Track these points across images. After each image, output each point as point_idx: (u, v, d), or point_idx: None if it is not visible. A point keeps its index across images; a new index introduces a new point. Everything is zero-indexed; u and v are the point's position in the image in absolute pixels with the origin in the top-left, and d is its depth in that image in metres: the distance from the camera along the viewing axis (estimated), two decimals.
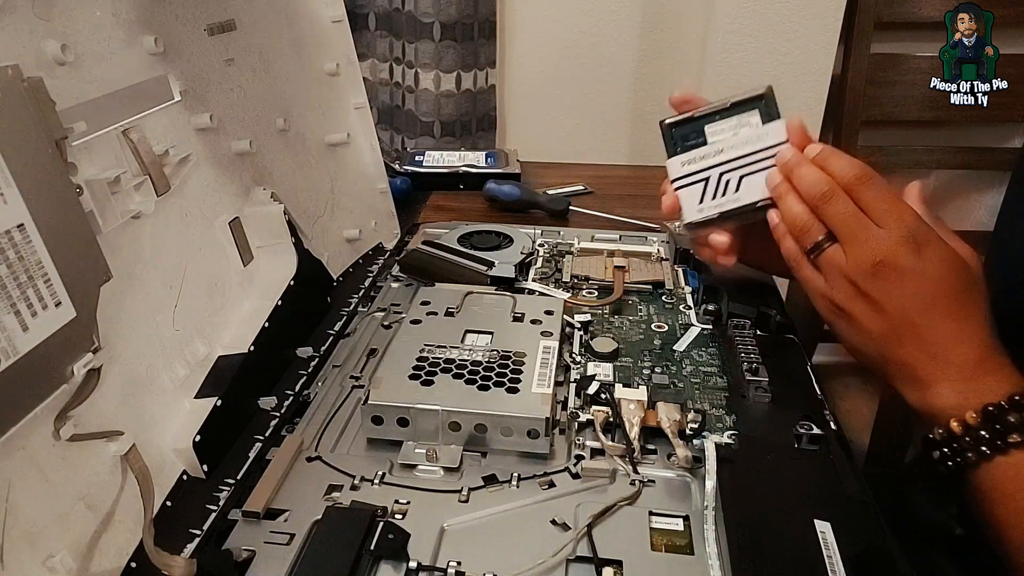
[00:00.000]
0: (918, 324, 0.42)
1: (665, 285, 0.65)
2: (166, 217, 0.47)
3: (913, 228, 0.43)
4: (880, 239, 0.43)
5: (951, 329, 0.42)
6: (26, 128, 0.33)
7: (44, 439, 0.34)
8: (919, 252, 0.43)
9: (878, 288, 0.43)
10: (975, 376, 0.41)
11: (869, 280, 0.43)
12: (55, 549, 0.34)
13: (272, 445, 0.46)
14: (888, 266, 0.43)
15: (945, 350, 0.42)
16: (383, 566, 0.37)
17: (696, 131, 0.51)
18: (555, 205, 0.85)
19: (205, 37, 0.52)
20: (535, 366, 0.48)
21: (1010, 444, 0.39)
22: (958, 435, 0.40)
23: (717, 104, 0.51)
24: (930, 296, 0.42)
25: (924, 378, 0.42)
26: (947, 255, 0.43)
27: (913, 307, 0.43)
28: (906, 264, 0.42)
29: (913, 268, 0.42)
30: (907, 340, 0.43)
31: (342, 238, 0.71)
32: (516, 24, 1.23)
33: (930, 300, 0.42)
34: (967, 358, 0.42)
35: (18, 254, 0.32)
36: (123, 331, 0.41)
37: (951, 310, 0.42)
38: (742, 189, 0.50)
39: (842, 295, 0.45)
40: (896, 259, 0.43)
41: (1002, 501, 0.39)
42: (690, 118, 0.52)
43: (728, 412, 0.49)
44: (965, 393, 0.41)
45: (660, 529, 0.40)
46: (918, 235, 0.43)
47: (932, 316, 0.42)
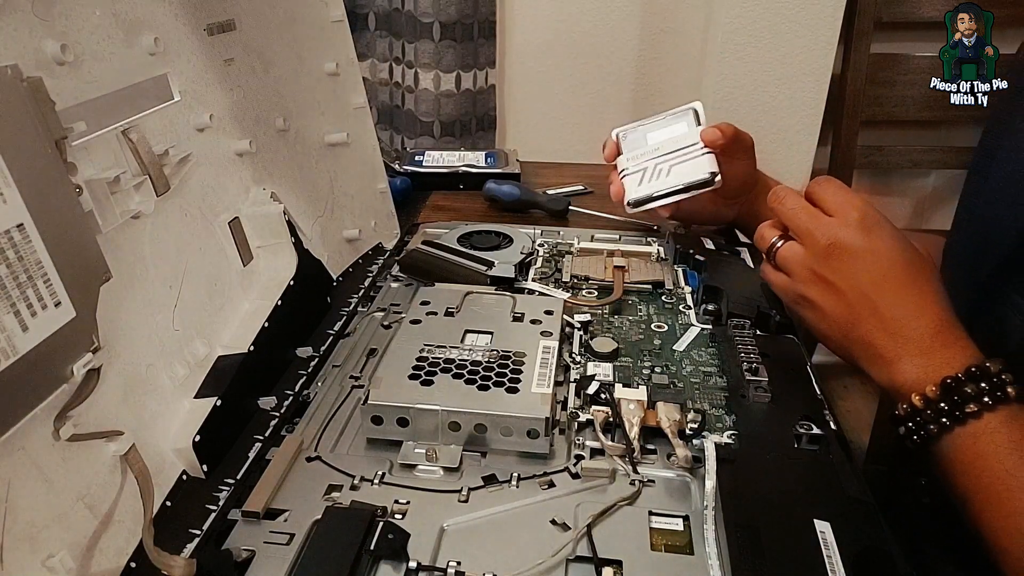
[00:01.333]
0: (873, 300, 0.45)
1: (665, 285, 0.65)
2: (166, 217, 0.47)
3: (861, 214, 0.47)
4: (831, 225, 0.47)
5: (906, 304, 0.44)
6: (26, 128, 0.33)
7: (44, 439, 0.34)
8: (868, 233, 0.46)
9: (832, 269, 0.46)
10: (933, 350, 0.43)
11: (823, 263, 0.47)
12: (55, 549, 0.34)
13: (272, 445, 0.46)
14: (839, 247, 0.46)
15: (902, 325, 0.44)
16: (383, 566, 0.37)
17: (639, 136, 0.69)
18: (555, 205, 0.85)
19: (205, 37, 0.52)
20: (535, 366, 0.48)
21: (968, 414, 0.40)
22: (920, 409, 0.42)
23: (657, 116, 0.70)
24: (881, 272, 0.45)
25: (885, 355, 0.44)
26: (895, 235, 0.46)
27: (867, 283, 0.45)
28: (856, 244, 0.46)
29: (864, 247, 0.46)
30: (864, 317, 0.45)
31: (342, 238, 0.71)
32: (516, 24, 1.23)
33: (881, 276, 0.45)
34: (923, 332, 0.43)
35: (18, 254, 0.32)
36: (123, 331, 0.41)
37: (904, 285, 0.45)
38: (671, 175, 0.65)
39: (801, 282, 0.49)
40: (847, 240, 0.46)
41: (963, 471, 0.41)
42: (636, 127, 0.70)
43: (728, 412, 0.49)
44: (924, 368, 0.43)
45: (660, 529, 0.40)
46: (867, 219, 0.46)
47: (885, 291, 0.45)
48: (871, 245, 0.46)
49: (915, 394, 0.42)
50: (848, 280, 0.46)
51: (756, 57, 1.13)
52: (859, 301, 0.45)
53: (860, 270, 0.46)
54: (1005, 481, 0.39)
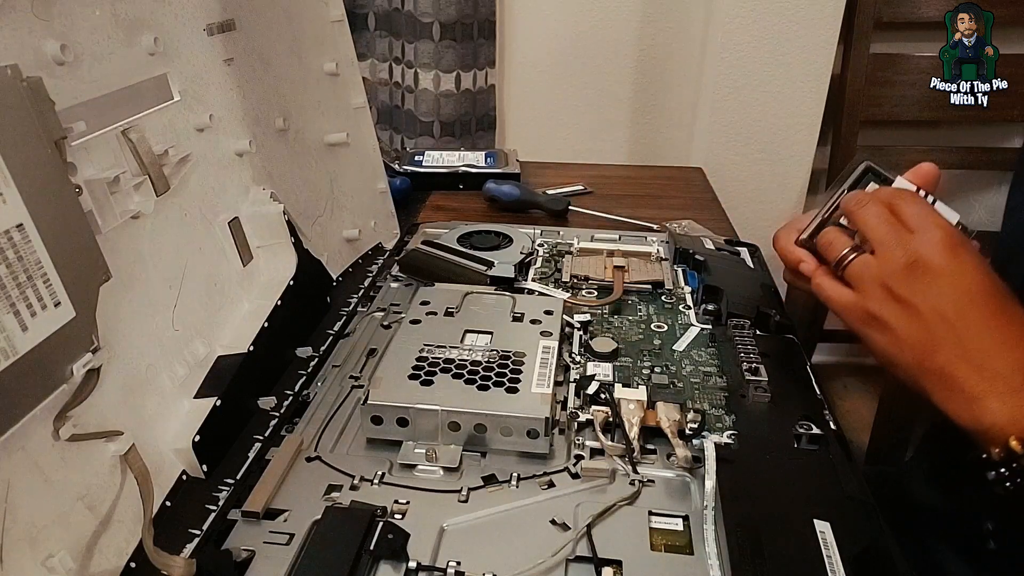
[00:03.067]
0: (957, 327, 0.40)
1: (665, 285, 0.65)
2: (165, 217, 0.47)
3: (946, 233, 0.42)
4: (913, 241, 0.42)
5: (993, 334, 0.40)
6: (25, 128, 0.33)
7: (44, 439, 0.34)
8: (954, 253, 0.41)
9: (911, 289, 0.42)
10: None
11: (902, 281, 0.42)
12: (54, 549, 0.34)
13: (272, 445, 0.46)
14: (922, 266, 0.41)
15: (989, 358, 0.39)
16: (383, 566, 0.37)
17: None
18: (555, 205, 0.85)
19: (205, 37, 0.52)
20: (535, 366, 0.48)
21: None
22: (1019, 454, 0.37)
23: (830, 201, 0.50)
24: (968, 297, 0.40)
25: (968, 389, 0.39)
26: (981, 260, 0.42)
27: (950, 307, 0.40)
28: (940, 264, 0.41)
29: (948, 268, 0.41)
30: (945, 345, 0.40)
31: (341, 238, 0.71)
32: (516, 24, 1.23)
33: (968, 301, 0.40)
34: (1014, 367, 0.39)
35: (17, 254, 0.32)
36: (123, 331, 0.41)
37: (992, 314, 0.40)
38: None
39: (875, 301, 0.43)
40: (931, 258, 0.41)
41: None
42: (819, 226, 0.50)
43: (728, 412, 0.49)
44: (1017, 409, 0.38)
45: (660, 529, 0.40)
46: (952, 239, 0.42)
47: (971, 318, 0.40)
48: (956, 267, 0.41)
49: (1013, 438, 0.37)
50: (929, 302, 0.41)
51: (756, 57, 1.13)
52: (940, 326, 0.40)
53: (943, 292, 0.41)
54: None
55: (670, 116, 1.29)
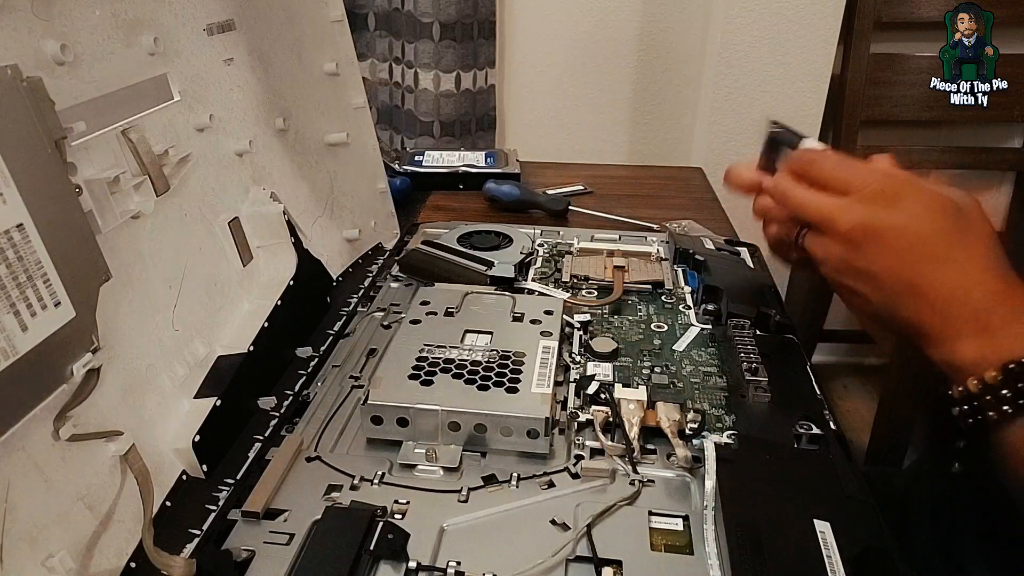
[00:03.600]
0: (914, 282, 0.40)
1: (665, 285, 0.65)
2: (165, 217, 0.47)
3: (878, 186, 0.41)
4: (846, 208, 0.42)
5: (951, 279, 0.40)
6: (25, 128, 0.33)
7: (44, 439, 0.34)
8: (891, 205, 0.41)
9: (861, 256, 0.42)
10: (992, 326, 0.38)
11: (850, 251, 0.42)
12: (54, 549, 0.34)
13: (272, 445, 0.46)
14: (861, 231, 0.41)
15: (950, 303, 0.39)
16: (383, 566, 0.37)
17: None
18: (555, 205, 0.85)
19: (205, 37, 0.52)
20: (535, 366, 0.48)
21: None
22: (976, 394, 0.38)
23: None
24: (916, 248, 0.40)
25: (938, 335, 0.40)
26: (927, 200, 0.41)
27: (902, 265, 0.41)
28: (880, 222, 0.41)
29: (889, 224, 0.41)
30: (908, 300, 0.41)
31: (341, 238, 0.71)
32: (516, 24, 1.23)
33: (917, 253, 0.40)
34: (978, 307, 0.39)
35: (17, 254, 0.32)
36: (123, 331, 0.41)
37: (945, 258, 0.40)
38: None
39: (834, 272, 0.44)
40: (867, 220, 0.41)
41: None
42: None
43: (728, 412, 0.49)
44: (983, 348, 0.38)
45: (660, 529, 0.40)
46: (886, 190, 0.41)
47: (924, 269, 0.40)
48: (899, 220, 0.41)
49: (972, 378, 0.38)
50: (881, 264, 0.41)
51: (756, 57, 1.13)
52: (898, 284, 0.41)
53: (890, 251, 0.41)
54: None
55: (670, 116, 1.29)
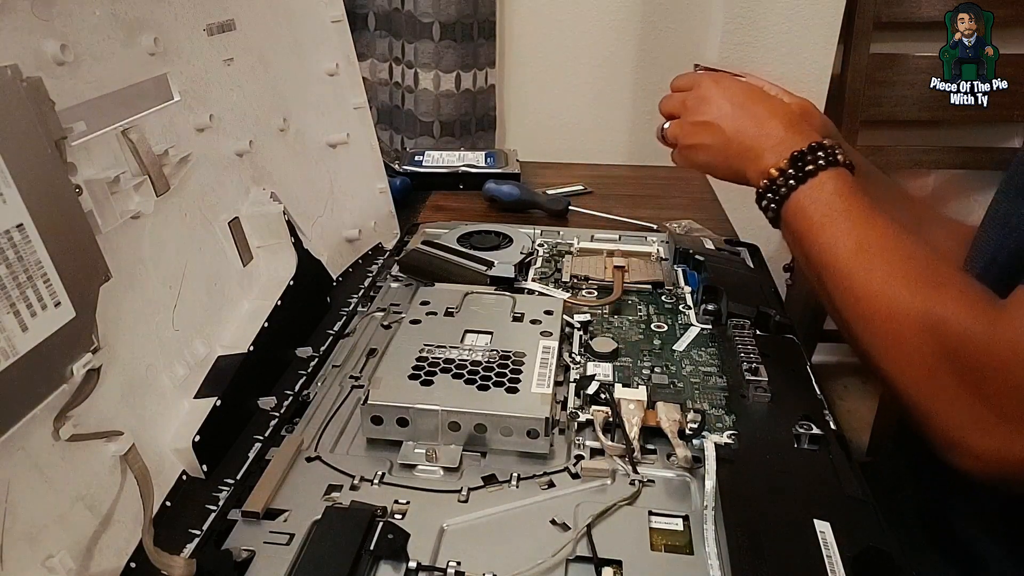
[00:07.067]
0: (738, 116, 0.58)
1: (664, 285, 0.65)
2: (166, 217, 0.47)
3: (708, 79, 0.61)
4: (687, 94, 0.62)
5: (763, 111, 0.57)
6: (25, 128, 0.33)
7: (44, 439, 0.34)
8: (717, 82, 0.61)
9: (700, 112, 0.60)
10: (786, 140, 0.54)
11: (692, 113, 0.61)
12: (54, 549, 0.34)
13: (272, 445, 0.46)
14: (697, 96, 0.61)
15: (762, 124, 0.56)
16: (383, 566, 0.37)
17: None
18: (555, 205, 0.85)
19: (204, 37, 0.52)
20: (535, 366, 0.48)
21: (807, 173, 0.51)
22: (773, 178, 0.52)
23: None
24: (738, 97, 0.59)
25: (754, 150, 0.55)
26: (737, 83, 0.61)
27: (729, 108, 0.58)
28: (710, 89, 0.60)
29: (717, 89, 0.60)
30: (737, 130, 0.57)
31: (342, 238, 0.71)
32: (516, 24, 1.23)
33: (740, 98, 0.59)
34: (778, 127, 0.55)
35: (17, 254, 0.32)
36: (123, 331, 0.41)
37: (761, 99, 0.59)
38: None
39: (685, 137, 0.62)
40: (702, 90, 0.60)
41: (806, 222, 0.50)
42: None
43: (728, 412, 0.49)
44: (780, 151, 0.53)
45: (660, 529, 0.40)
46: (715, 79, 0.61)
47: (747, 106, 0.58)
48: (722, 86, 0.60)
49: (772, 167, 0.52)
50: (714, 112, 0.59)
51: (756, 57, 1.13)
52: (729, 121, 0.58)
53: (720, 102, 0.59)
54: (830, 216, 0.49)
55: None
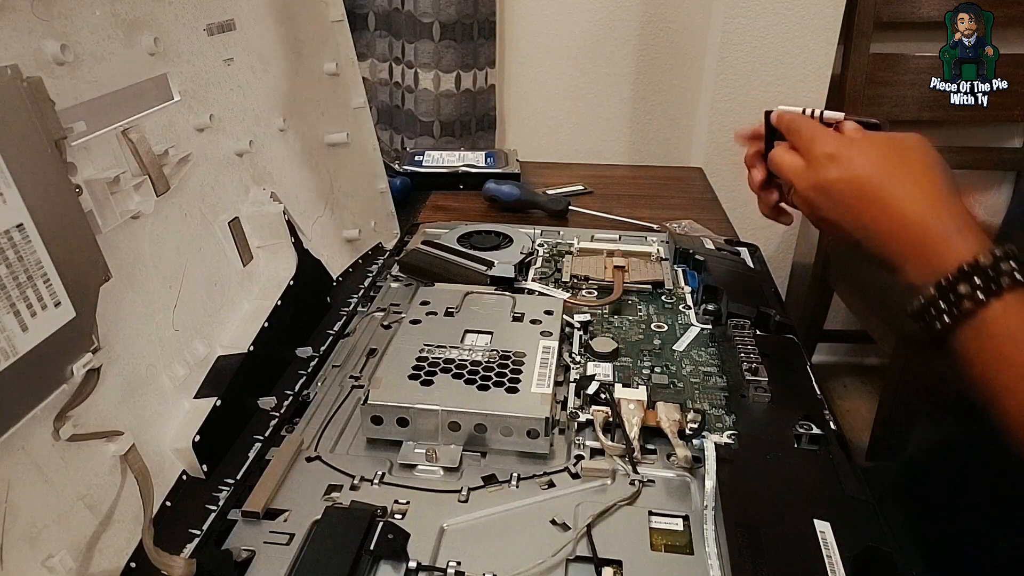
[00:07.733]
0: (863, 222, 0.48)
1: (665, 285, 0.65)
2: (166, 217, 0.47)
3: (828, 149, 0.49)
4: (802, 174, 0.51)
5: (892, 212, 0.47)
6: (25, 128, 0.33)
7: (44, 439, 0.34)
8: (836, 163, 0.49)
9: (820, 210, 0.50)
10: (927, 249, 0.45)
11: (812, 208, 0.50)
12: (55, 549, 0.34)
13: (272, 445, 0.46)
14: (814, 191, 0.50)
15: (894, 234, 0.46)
16: (383, 566, 0.37)
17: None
18: (555, 205, 0.85)
19: (204, 37, 0.52)
20: (535, 366, 0.48)
21: (964, 313, 0.41)
22: (920, 311, 0.43)
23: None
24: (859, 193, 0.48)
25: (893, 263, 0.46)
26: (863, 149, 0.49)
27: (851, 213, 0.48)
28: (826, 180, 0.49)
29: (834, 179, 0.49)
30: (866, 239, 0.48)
31: (342, 238, 0.71)
32: (516, 24, 1.23)
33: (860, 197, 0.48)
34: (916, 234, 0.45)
35: (17, 254, 0.32)
36: (123, 331, 0.41)
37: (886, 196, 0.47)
38: None
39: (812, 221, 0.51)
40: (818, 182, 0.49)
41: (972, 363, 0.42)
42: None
43: (728, 412, 0.49)
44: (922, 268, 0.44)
45: (660, 529, 0.40)
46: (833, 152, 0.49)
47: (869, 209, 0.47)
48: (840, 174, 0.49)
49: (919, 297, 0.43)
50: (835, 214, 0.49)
51: (756, 57, 1.13)
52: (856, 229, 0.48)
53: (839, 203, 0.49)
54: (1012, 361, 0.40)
55: (670, 116, 1.29)
